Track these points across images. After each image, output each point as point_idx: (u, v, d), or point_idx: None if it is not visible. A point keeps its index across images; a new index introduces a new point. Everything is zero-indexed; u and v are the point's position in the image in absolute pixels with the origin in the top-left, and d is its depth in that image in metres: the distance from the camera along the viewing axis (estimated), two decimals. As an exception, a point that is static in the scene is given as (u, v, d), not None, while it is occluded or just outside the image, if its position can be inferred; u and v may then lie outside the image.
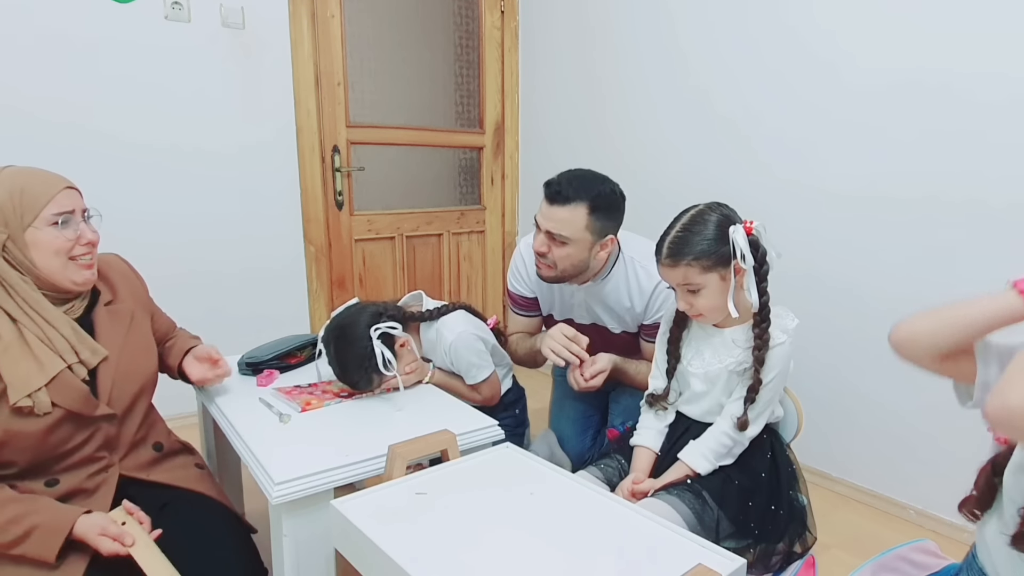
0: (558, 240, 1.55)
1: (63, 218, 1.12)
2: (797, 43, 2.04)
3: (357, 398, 1.43)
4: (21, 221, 1.09)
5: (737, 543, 1.26)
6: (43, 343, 1.09)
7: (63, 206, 1.12)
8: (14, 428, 1.05)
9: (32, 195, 1.10)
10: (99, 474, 1.17)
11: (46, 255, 1.10)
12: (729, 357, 1.29)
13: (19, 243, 1.09)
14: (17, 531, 1.00)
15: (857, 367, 1.97)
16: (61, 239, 1.11)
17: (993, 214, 1.66)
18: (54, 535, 1.01)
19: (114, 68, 2.19)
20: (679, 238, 1.24)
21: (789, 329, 1.27)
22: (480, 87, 3.12)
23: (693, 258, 1.22)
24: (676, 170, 2.47)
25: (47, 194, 1.11)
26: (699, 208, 1.27)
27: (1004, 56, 1.63)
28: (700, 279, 1.23)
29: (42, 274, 1.11)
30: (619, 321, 1.72)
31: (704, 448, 1.29)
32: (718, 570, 0.81)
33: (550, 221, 1.54)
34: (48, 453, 1.11)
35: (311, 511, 1.09)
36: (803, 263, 2.03)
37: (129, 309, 1.27)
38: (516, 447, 1.18)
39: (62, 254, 1.12)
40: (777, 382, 1.28)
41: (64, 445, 1.12)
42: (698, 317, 1.30)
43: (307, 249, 2.71)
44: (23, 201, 1.09)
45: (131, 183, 2.25)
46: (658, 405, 1.40)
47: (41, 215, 1.10)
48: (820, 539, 1.39)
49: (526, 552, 0.86)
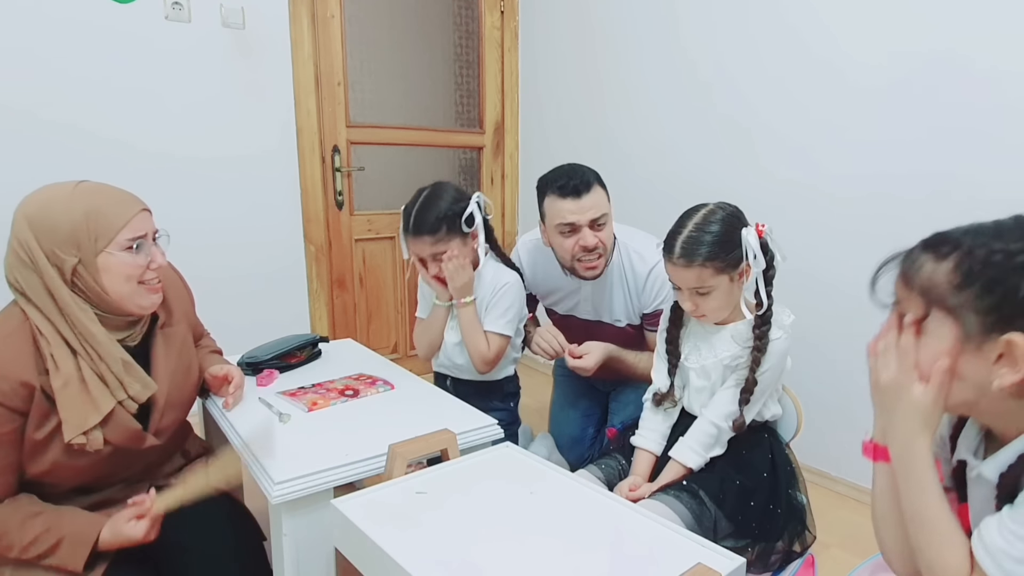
0: (598, 225, 1.58)
1: (137, 243, 1.07)
2: (798, 42, 2.04)
3: (361, 397, 1.43)
4: (95, 245, 1.03)
5: (736, 542, 1.27)
6: (97, 377, 1.05)
7: (137, 230, 1.07)
8: (63, 462, 1.04)
9: (107, 218, 1.04)
10: (132, 487, 1.18)
11: (117, 280, 1.05)
12: (725, 352, 1.30)
13: (90, 268, 1.03)
14: (47, 543, 1.01)
15: (856, 366, 1.95)
16: (133, 265, 1.06)
17: (993, 214, 1.66)
18: (81, 546, 1.02)
19: (114, 68, 2.19)
20: (692, 238, 1.22)
21: (785, 325, 1.28)
22: (480, 87, 3.12)
23: (707, 259, 1.21)
24: (677, 169, 2.47)
25: (123, 217, 1.06)
26: (709, 208, 1.26)
27: (1008, 53, 1.63)
28: (713, 281, 1.23)
29: (111, 300, 1.06)
30: (622, 312, 1.73)
31: (692, 442, 1.29)
32: (718, 569, 0.81)
33: (589, 211, 1.56)
34: (92, 482, 1.12)
35: (311, 510, 1.09)
36: (803, 261, 2.03)
37: (181, 332, 1.25)
38: (515, 446, 1.19)
39: (133, 280, 1.07)
40: (771, 375, 1.28)
41: (108, 474, 1.13)
42: (701, 318, 1.30)
43: (307, 249, 2.71)
44: (98, 224, 1.03)
45: (131, 183, 2.21)
46: (666, 402, 1.39)
47: (116, 239, 1.04)
48: (819, 538, 1.40)
49: (526, 551, 0.86)
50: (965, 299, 0.68)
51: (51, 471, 1.05)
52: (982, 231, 0.70)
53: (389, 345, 3.03)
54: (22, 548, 1.00)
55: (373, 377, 1.55)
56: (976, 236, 0.70)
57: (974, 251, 0.68)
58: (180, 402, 1.22)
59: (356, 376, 1.56)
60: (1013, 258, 0.66)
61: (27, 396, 1.00)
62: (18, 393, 0.98)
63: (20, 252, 1.02)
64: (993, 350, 0.67)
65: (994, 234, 0.69)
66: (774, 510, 1.31)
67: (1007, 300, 0.66)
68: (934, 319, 0.72)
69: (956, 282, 0.69)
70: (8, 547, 1.00)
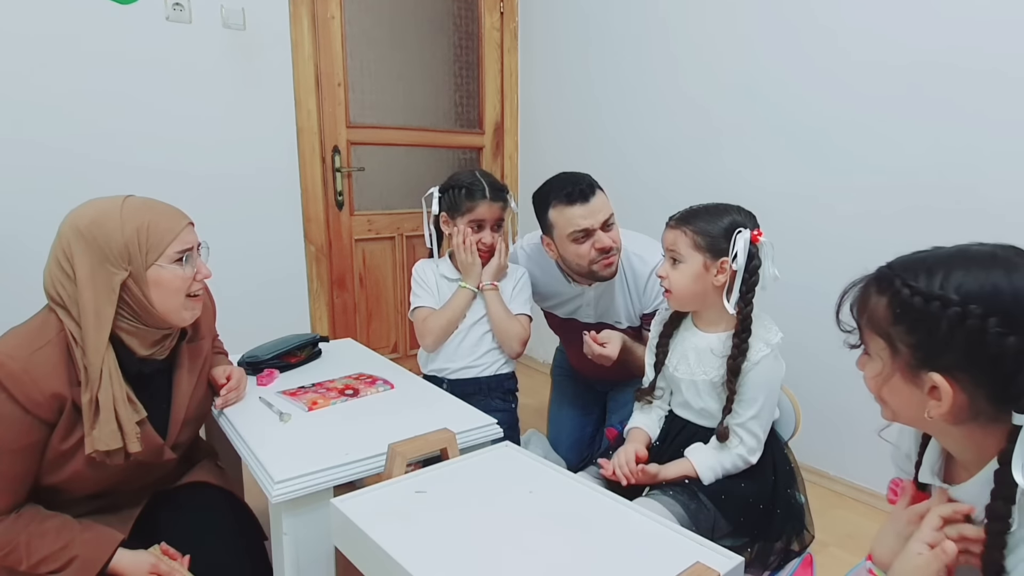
0: (608, 225, 1.60)
1: (185, 255, 1.10)
2: (797, 44, 2.05)
3: (360, 397, 1.43)
4: (145, 259, 1.05)
5: (735, 541, 1.27)
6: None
7: (186, 243, 1.10)
8: (83, 472, 1.05)
9: (158, 232, 1.07)
10: (138, 493, 1.19)
11: (167, 294, 1.08)
12: (712, 370, 1.29)
13: (140, 281, 1.05)
14: (54, 565, 1.01)
15: (855, 367, 1.97)
16: (182, 277, 1.09)
17: (994, 215, 1.67)
18: (89, 567, 1.02)
19: (115, 69, 2.19)
20: (694, 211, 1.28)
21: (772, 343, 1.25)
22: (479, 88, 3.13)
23: (691, 229, 1.24)
24: (676, 169, 2.48)
25: (172, 231, 1.08)
26: (728, 204, 1.29)
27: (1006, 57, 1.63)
28: (685, 252, 1.24)
29: (156, 313, 1.08)
30: (624, 315, 1.73)
31: (716, 464, 1.27)
32: (716, 568, 0.81)
33: (600, 213, 1.57)
34: (108, 489, 1.13)
35: (311, 509, 1.09)
36: (802, 262, 2.04)
37: (206, 347, 1.27)
38: (515, 445, 1.19)
39: (181, 293, 1.10)
40: (760, 392, 1.25)
41: (122, 483, 1.14)
42: (667, 295, 1.30)
43: (307, 249, 2.71)
44: (149, 240, 1.05)
45: (131, 183, 2.24)
46: (643, 399, 1.41)
47: (166, 252, 1.07)
48: (818, 537, 1.40)
49: (525, 550, 0.87)
50: (897, 333, 0.74)
51: (69, 480, 1.05)
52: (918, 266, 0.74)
53: (389, 345, 3.03)
54: (32, 565, 1.00)
55: (373, 377, 1.56)
56: (909, 272, 0.74)
57: (900, 291, 0.73)
58: (198, 416, 1.24)
59: (356, 376, 1.57)
60: (929, 303, 0.70)
61: (58, 408, 1.01)
62: (49, 405, 0.99)
63: (64, 264, 1.03)
64: (925, 383, 0.72)
65: (927, 270, 0.72)
66: (773, 509, 1.31)
67: (928, 341, 0.71)
68: (877, 345, 0.78)
69: (890, 318, 0.75)
70: (17, 561, 1.00)
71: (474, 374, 1.73)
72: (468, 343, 1.73)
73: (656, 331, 1.41)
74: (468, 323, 1.73)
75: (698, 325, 1.34)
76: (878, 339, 0.77)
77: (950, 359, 0.70)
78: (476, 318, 1.73)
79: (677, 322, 1.38)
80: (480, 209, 1.68)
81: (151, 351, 1.11)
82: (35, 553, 1.00)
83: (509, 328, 1.70)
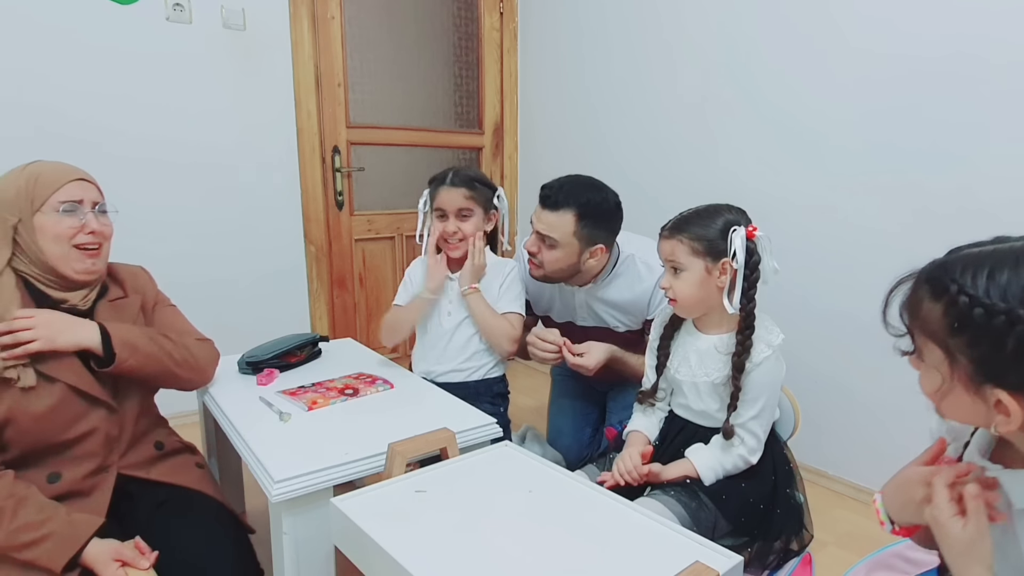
0: (547, 243, 1.59)
1: (68, 206, 1.17)
2: (793, 46, 2.05)
3: (360, 396, 1.44)
4: (31, 206, 1.15)
5: (734, 541, 1.27)
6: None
7: (71, 195, 1.18)
8: (19, 406, 1.08)
9: (43, 183, 1.17)
10: (98, 473, 1.18)
11: (48, 240, 1.16)
12: (714, 371, 1.29)
13: (28, 227, 1.15)
14: (31, 536, 1.01)
15: (854, 366, 1.98)
16: (63, 225, 1.16)
17: (994, 215, 1.67)
18: (65, 546, 1.02)
19: (115, 69, 2.19)
20: (685, 217, 1.28)
21: (774, 344, 1.25)
22: (479, 88, 3.13)
23: (686, 236, 1.24)
24: (673, 172, 2.48)
25: (57, 182, 1.17)
26: (717, 204, 1.29)
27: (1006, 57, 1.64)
28: (685, 260, 1.24)
29: (48, 260, 1.16)
30: (624, 319, 1.73)
31: (717, 464, 1.28)
32: (715, 567, 0.82)
33: (540, 223, 1.59)
34: (50, 438, 1.12)
35: (311, 509, 1.09)
36: (801, 263, 2.04)
37: (136, 307, 1.30)
38: (515, 445, 1.19)
39: (63, 240, 1.16)
40: (766, 399, 1.26)
41: (66, 432, 1.13)
42: (673, 303, 1.30)
43: (307, 249, 2.72)
44: (35, 188, 1.16)
45: (131, 183, 2.25)
46: (646, 402, 1.41)
47: (49, 201, 1.16)
48: (817, 536, 1.40)
49: (525, 549, 0.87)
50: (957, 344, 0.67)
51: (9, 419, 1.07)
52: (976, 267, 0.66)
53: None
54: (12, 530, 1.00)
55: (373, 376, 1.56)
56: (966, 274, 0.66)
57: (958, 300, 0.65)
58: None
59: (356, 375, 1.57)
60: (992, 318, 0.63)
61: None
62: None
63: None
64: (989, 397, 0.66)
65: (988, 274, 0.65)
66: (772, 509, 1.31)
67: (993, 357, 0.65)
68: (933, 354, 0.71)
69: (947, 328, 0.67)
70: None
71: (462, 378, 1.69)
72: (455, 345, 1.70)
73: (656, 333, 1.41)
74: (452, 324, 1.69)
75: (700, 328, 1.34)
76: (935, 348, 0.70)
77: (1019, 378, 0.64)
78: (460, 319, 1.69)
79: (678, 324, 1.38)
80: (441, 196, 1.68)
81: (63, 295, 1.20)
82: (19, 517, 1.01)
83: (496, 328, 1.65)
